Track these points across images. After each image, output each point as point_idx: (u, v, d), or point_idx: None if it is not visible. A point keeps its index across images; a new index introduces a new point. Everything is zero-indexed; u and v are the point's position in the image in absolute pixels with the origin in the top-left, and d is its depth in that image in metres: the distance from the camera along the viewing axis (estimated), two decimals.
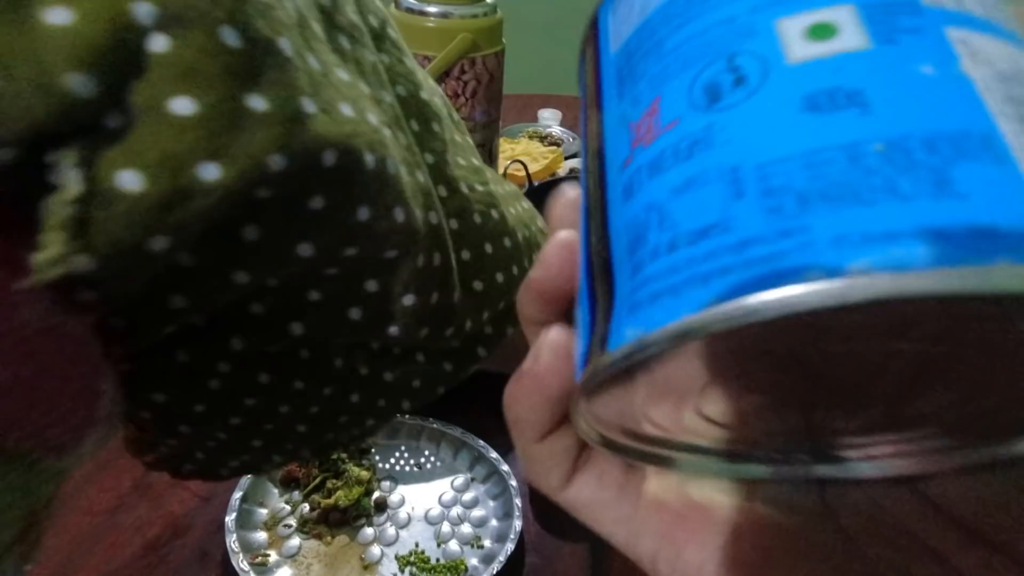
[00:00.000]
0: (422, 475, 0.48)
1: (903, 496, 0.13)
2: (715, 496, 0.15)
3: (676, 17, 0.11)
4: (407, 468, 0.49)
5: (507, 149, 0.80)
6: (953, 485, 0.13)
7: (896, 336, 0.10)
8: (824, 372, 0.12)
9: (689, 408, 0.13)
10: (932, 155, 0.08)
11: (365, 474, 0.46)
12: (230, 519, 0.41)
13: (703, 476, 0.15)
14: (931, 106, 0.08)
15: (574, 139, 0.90)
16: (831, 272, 0.07)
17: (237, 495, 0.43)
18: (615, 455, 0.14)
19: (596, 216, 0.11)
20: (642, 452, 0.14)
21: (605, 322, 0.10)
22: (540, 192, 0.64)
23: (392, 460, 0.49)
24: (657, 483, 0.15)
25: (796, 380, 0.12)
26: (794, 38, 0.09)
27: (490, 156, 0.65)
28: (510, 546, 0.41)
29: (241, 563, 0.39)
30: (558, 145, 0.87)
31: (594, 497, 0.15)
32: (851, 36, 0.09)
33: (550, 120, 0.97)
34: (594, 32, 0.14)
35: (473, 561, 0.42)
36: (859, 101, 0.08)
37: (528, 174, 0.68)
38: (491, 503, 0.46)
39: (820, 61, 0.09)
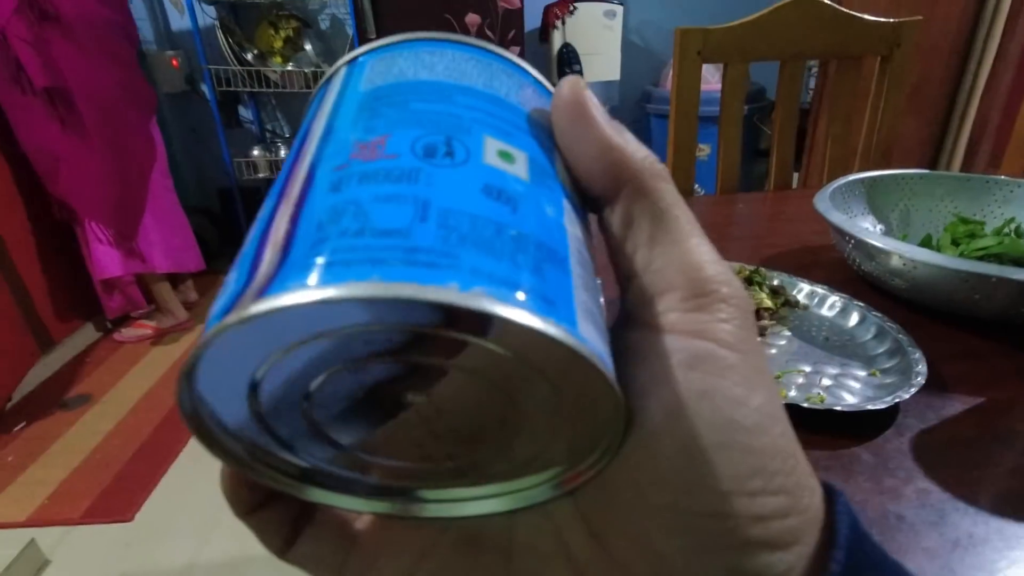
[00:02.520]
0: None
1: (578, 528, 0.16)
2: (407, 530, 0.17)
3: (426, 95, 0.15)
4: None
5: None
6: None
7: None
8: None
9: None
10: (538, 251, 0.12)
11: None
12: None
13: (332, 504, 0.16)
14: (545, 228, 0.13)
15: None
16: (463, 286, 0.11)
17: None
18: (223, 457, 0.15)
19: (290, 200, 0.13)
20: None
21: (265, 280, 0.11)
22: None
23: None
24: (362, 525, 0.18)
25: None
26: (491, 151, 0.14)
27: None
28: None
29: None
30: None
31: (313, 554, 0.17)
32: (520, 168, 0.14)
33: None
34: (351, 68, 0.17)
35: None
36: (514, 205, 0.13)
37: None
38: None
39: (501, 171, 0.13)
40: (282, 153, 2.32)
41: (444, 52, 0.16)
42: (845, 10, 0.91)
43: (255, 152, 2.33)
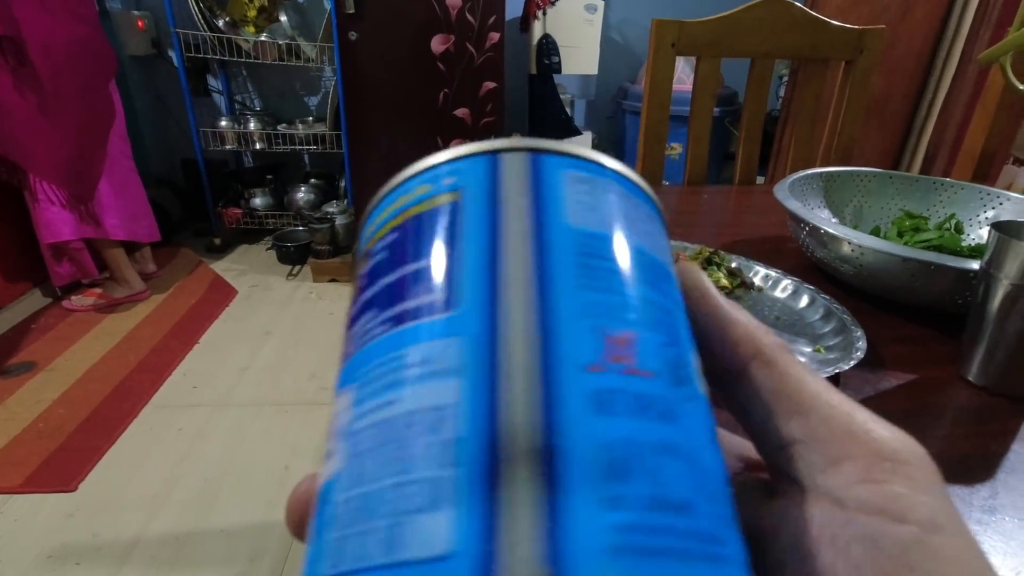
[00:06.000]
0: None
1: None
2: None
3: (639, 266, 0.13)
4: None
5: None
6: None
7: None
8: None
9: None
10: (730, 500, 0.12)
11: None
12: None
13: None
14: (716, 451, 0.12)
15: None
16: None
17: None
18: None
19: (526, 395, 0.10)
20: None
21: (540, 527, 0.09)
22: None
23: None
24: None
25: None
26: (696, 364, 0.13)
27: None
28: None
29: None
30: None
31: None
32: (702, 380, 0.13)
33: None
34: (536, 164, 0.14)
35: None
36: (716, 442, 0.12)
37: None
38: None
39: (707, 398, 0.13)
40: (251, 126, 2.27)
41: (636, 203, 0.14)
42: (814, 14, 0.95)
43: (223, 123, 2.26)
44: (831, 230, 0.54)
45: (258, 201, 2.33)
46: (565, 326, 0.11)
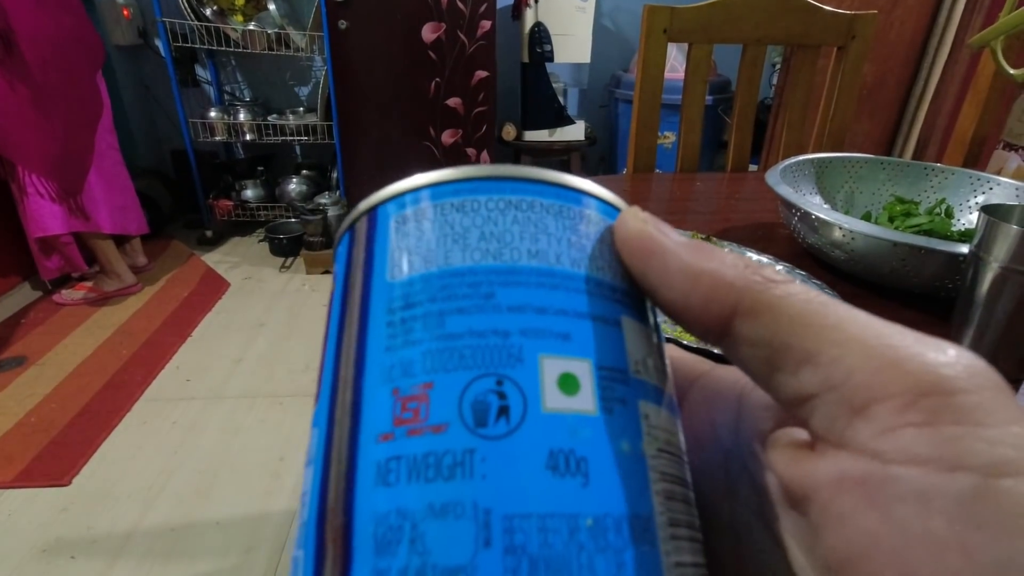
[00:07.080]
0: None
1: None
2: None
3: (462, 297, 0.12)
4: None
5: None
6: None
7: None
8: None
9: None
10: (618, 536, 0.10)
11: None
12: None
13: None
14: (622, 487, 0.11)
15: None
16: None
17: None
18: None
19: (339, 462, 0.11)
20: None
21: None
22: None
23: None
24: None
25: None
26: (550, 385, 0.11)
27: None
28: None
29: None
30: None
31: None
32: (586, 395, 0.11)
33: None
34: (373, 227, 0.14)
35: None
36: (585, 471, 0.11)
37: None
38: None
39: (564, 418, 0.11)
40: (241, 117, 2.24)
41: (476, 202, 0.13)
42: None
43: (212, 114, 2.24)
44: (822, 215, 0.54)
45: (249, 193, 2.31)
46: (369, 398, 0.12)
